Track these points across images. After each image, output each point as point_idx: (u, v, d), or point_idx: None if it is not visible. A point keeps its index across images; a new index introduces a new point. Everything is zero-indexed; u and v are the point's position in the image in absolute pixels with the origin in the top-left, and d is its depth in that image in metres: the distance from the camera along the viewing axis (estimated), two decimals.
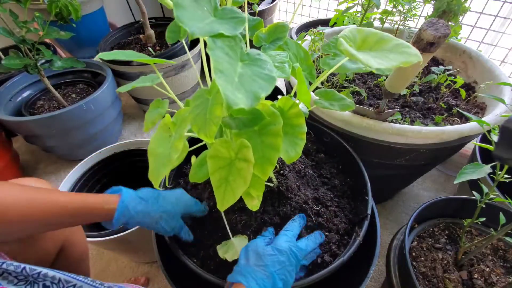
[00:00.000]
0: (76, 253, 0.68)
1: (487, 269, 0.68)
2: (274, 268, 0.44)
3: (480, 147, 0.97)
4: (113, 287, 0.46)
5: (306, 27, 1.74)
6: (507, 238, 0.59)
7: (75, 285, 0.44)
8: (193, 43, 1.54)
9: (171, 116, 0.44)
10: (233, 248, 0.54)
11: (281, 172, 0.64)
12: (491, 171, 0.54)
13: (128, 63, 1.33)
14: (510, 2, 1.20)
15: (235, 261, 0.57)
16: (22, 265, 0.41)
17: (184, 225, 0.57)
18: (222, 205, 0.40)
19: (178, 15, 0.28)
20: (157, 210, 0.53)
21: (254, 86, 0.28)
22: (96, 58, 1.41)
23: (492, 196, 0.59)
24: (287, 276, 0.45)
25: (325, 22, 1.63)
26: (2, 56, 1.26)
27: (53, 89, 1.23)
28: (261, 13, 1.70)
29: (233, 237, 0.56)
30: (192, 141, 0.76)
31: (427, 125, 0.82)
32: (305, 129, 0.44)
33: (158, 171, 0.40)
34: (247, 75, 0.29)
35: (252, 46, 0.41)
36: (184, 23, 0.28)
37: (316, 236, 0.53)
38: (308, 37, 1.06)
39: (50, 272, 0.43)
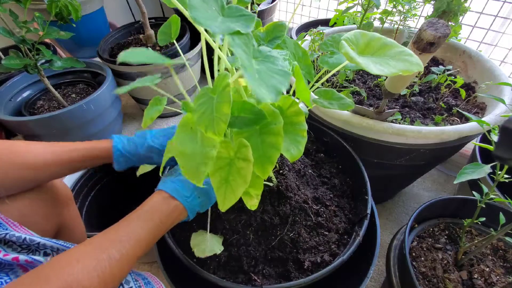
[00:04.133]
0: (74, 240, 0.69)
1: (487, 269, 0.68)
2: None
3: (480, 147, 0.97)
4: None
5: (306, 27, 1.74)
6: (507, 238, 0.59)
7: None
8: (193, 43, 1.54)
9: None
10: (205, 244, 0.55)
11: (281, 171, 0.64)
12: (491, 171, 0.54)
13: (128, 63, 1.32)
14: (510, 2, 1.20)
15: (234, 261, 0.57)
16: (23, 236, 0.45)
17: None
18: (224, 205, 0.40)
19: (194, 16, 0.29)
20: (144, 146, 0.59)
21: (273, 81, 0.29)
22: (119, 60, 1.45)
23: (492, 196, 0.59)
24: None
25: (325, 22, 1.63)
26: (2, 56, 1.26)
27: (53, 89, 1.23)
28: (261, 13, 1.70)
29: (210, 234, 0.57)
30: None
31: (427, 125, 0.82)
32: (306, 127, 0.44)
33: (198, 170, 0.39)
34: (263, 71, 0.30)
35: None
36: (202, 23, 0.29)
37: None
38: (308, 37, 1.06)
39: (48, 242, 0.47)
